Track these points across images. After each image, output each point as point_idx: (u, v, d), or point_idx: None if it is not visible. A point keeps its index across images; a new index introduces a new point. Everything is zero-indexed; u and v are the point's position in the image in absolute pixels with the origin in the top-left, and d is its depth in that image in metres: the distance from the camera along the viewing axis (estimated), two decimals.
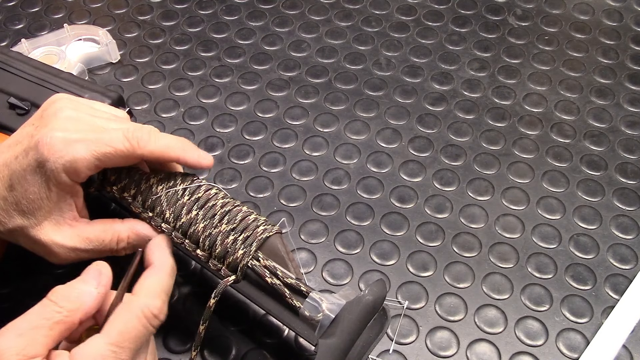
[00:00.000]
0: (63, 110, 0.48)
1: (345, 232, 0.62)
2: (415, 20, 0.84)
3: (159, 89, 0.75)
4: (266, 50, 0.80)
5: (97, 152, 0.46)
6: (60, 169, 0.45)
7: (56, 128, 0.46)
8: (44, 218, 0.47)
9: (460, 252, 0.61)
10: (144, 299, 0.42)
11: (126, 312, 0.41)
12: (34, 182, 0.46)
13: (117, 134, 0.47)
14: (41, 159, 0.45)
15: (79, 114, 0.48)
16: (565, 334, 0.56)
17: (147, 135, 0.48)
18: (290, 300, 0.47)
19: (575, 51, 0.80)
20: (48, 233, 0.47)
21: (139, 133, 0.48)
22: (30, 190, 0.46)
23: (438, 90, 0.75)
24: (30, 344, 0.38)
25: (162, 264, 0.45)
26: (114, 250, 0.50)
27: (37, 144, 0.46)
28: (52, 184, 0.46)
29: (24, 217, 0.47)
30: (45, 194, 0.46)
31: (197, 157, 0.51)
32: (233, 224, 0.49)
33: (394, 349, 0.54)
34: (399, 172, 0.67)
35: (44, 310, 0.40)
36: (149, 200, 0.51)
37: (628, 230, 0.63)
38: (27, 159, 0.46)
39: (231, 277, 0.48)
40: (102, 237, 0.49)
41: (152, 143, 0.48)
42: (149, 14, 0.84)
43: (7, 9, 0.85)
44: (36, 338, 0.38)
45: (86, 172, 0.47)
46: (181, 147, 0.50)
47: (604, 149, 0.69)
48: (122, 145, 0.47)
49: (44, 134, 0.46)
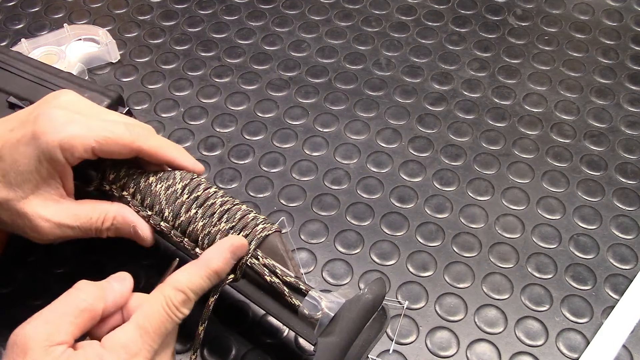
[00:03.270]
0: (64, 94, 0.49)
1: (345, 232, 0.62)
2: (415, 20, 0.84)
3: (159, 89, 0.75)
4: (266, 50, 0.80)
5: (97, 134, 0.46)
6: (57, 144, 0.45)
7: (58, 106, 0.47)
8: (31, 192, 0.47)
9: (460, 252, 0.61)
10: (168, 288, 0.43)
11: (152, 298, 0.43)
12: (26, 153, 0.46)
13: (119, 124, 0.48)
14: (39, 130, 0.45)
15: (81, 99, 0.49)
16: (565, 334, 0.55)
17: (146, 132, 0.49)
18: (290, 298, 0.47)
19: (575, 51, 0.80)
20: (34, 206, 0.47)
21: (138, 129, 0.49)
22: (21, 162, 0.46)
23: (438, 90, 0.75)
24: (57, 331, 0.39)
25: (204, 264, 0.45)
26: (99, 229, 0.50)
27: (37, 117, 0.46)
28: (44, 158, 0.46)
29: (10, 189, 0.46)
30: (34, 167, 0.46)
31: (193, 163, 0.52)
32: (232, 223, 0.49)
33: (394, 349, 0.54)
34: (399, 172, 0.67)
35: (69, 299, 0.41)
36: (147, 198, 0.51)
37: (628, 230, 0.62)
38: (23, 130, 0.46)
39: (230, 275, 0.48)
40: (89, 214, 0.49)
41: (151, 140, 0.49)
42: (149, 14, 0.84)
43: (7, 9, 0.85)
44: (62, 325, 0.39)
45: (82, 153, 0.46)
46: (177, 150, 0.52)
47: (604, 149, 0.69)
48: (123, 134, 0.48)
49: (45, 109, 0.46)
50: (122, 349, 0.40)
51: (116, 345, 0.40)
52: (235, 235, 0.48)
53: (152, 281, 0.47)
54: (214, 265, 0.45)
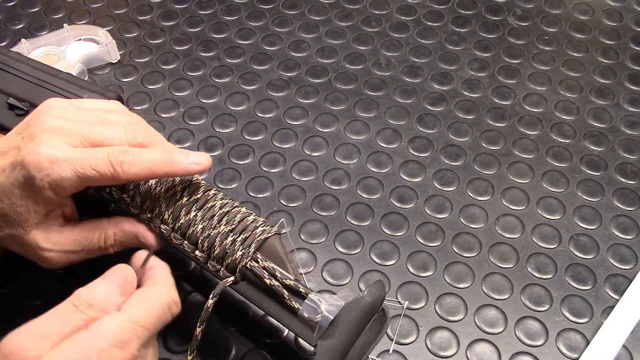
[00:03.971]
0: (47, 121, 0.47)
1: (345, 232, 0.62)
2: (415, 20, 0.84)
3: (158, 89, 0.75)
4: (266, 50, 0.80)
5: (81, 174, 0.46)
6: (47, 187, 0.46)
7: (42, 143, 0.46)
8: (32, 228, 0.48)
9: (460, 252, 0.61)
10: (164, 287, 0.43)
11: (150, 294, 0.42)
12: (22, 196, 0.46)
13: (103, 157, 0.46)
14: (28, 175, 0.45)
15: (64, 123, 0.47)
16: (565, 334, 0.55)
17: (130, 157, 0.47)
18: (289, 301, 0.47)
19: (575, 51, 0.80)
20: (37, 240, 0.48)
21: (122, 156, 0.47)
22: (18, 204, 0.47)
23: (438, 90, 0.75)
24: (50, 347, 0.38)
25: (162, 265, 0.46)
26: (102, 248, 0.50)
27: (24, 161, 0.46)
28: (39, 199, 0.46)
29: (12, 228, 0.47)
30: (32, 208, 0.47)
31: (186, 165, 0.49)
32: (232, 225, 0.49)
33: (394, 349, 0.54)
34: (398, 172, 0.67)
35: (68, 317, 0.40)
36: (147, 201, 0.51)
37: (628, 230, 0.62)
38: (15, 173, 0.46)
39: (230, 278, 0.48)
40: (89, 236, 0.50)
41: (136, 165, 0.47)
42: (149, 14, 0.84)
43: (7, 9, 0.85)
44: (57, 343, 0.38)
45: (72, 190, 0.47)
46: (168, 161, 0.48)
47: (604, 149, 0.69)
48: (106, 169, 0.46)
49: (30, 150, 0.46)
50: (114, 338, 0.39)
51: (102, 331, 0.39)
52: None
53: None
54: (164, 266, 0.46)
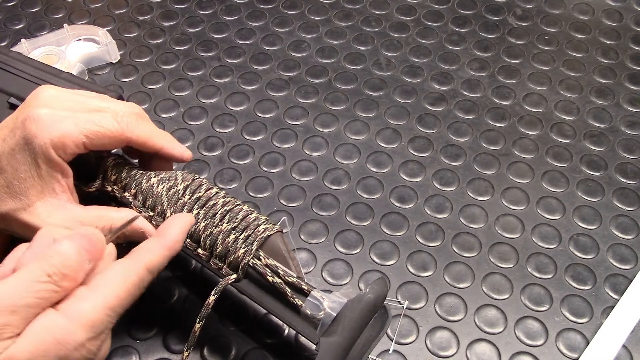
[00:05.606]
0: (45, 90, 0.48)
1: (345, 232, 0.62)
2: (415, 20, 0.84)
3: (158, 89, 0.75)
4: (266, 50, 0.80)
5: (86, 129, 0.46)
6: (49, 144, 0.45)
7: (42, 105, 0.46)
8: (37, 199, 0.47)
9: (460, 252, 0.61)
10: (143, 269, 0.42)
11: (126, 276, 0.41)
12: (23, 160, 0.46)
13: (107, 115, 0.48)
14: (29, 135, 0.45)
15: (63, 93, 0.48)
16: (565, 334, 0.56)
17: (135, 121, 0.49)
18: (292, 298, 0.47)
19: (575, 51, 0.80)
20: (40, 215, 0.47)
21: (127, 118, 0.48)
22: (21, 169, 0.46)
23: (438, 90, 0.75)
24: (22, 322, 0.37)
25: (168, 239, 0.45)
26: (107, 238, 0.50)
27: (24, 122, 0.45)
28: (40, 160, 0.46)
29: (15, 199, 0.46)
30: (35, 172, 0.46)
31: (181, 151, 0.52)
32: (234, 223, 0.49)
33: (394, 349, 0.54)
34: (398, 172, 0.67)
35: (40, 287, 0.38)
36: (149, 199, 0.51)
37: (628, 230, 0.63)
38: (15, 138, 0.46)
39: (232, 275, 0.48)
40: (95, 223, 0.48)
41: (139, 129, 0.49)
42: (149, 14, 0.84)
43: (7, 9, 0.85)
44: (28, 317, 0.37)
45: (74, 148, 0.46)
46: (165, 138, 0.51)
47: (604, 149, 0.70)
48: (111, 126, 0.47)
49: (30, 111, 0.46)
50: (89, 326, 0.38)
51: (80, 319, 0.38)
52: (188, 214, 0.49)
53: None
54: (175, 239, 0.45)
